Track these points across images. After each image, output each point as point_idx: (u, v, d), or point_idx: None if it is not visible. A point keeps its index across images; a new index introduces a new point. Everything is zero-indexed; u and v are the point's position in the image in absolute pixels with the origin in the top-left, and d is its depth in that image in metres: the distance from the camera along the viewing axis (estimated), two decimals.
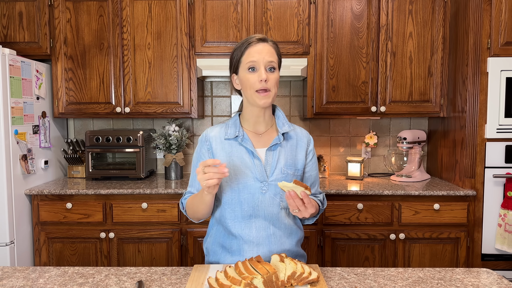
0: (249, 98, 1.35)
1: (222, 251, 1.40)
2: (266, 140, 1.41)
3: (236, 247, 1.36)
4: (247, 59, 1.32)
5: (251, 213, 1.35)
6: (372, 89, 2.68)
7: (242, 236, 1.35)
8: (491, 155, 2.38)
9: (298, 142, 1.43)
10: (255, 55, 1.31)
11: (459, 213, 2.41)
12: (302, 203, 1.22)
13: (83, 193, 2.43)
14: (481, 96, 2.37)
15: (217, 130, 1.42)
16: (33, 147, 2.55)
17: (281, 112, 1.46)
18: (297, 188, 1.20)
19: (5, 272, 1.29)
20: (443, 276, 1.25)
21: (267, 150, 1.37)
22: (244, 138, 1.37)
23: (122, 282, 1.21)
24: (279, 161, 1.37)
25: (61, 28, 2.68)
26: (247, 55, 1.32)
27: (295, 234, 1.43)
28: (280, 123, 1.42)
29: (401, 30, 2.65)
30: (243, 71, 1.34)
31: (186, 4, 2.65)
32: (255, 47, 1.32)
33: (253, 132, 1.41)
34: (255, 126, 1.41)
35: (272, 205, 1.35)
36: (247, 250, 1.35)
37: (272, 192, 1.35)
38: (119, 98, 2.72)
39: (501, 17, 2.32)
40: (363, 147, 3.05)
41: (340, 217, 2.43)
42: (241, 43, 1.36)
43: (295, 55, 2.67)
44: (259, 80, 1.30)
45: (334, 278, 1.24)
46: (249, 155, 1.36)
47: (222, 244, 1.40)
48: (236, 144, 1.38)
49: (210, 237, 1.46)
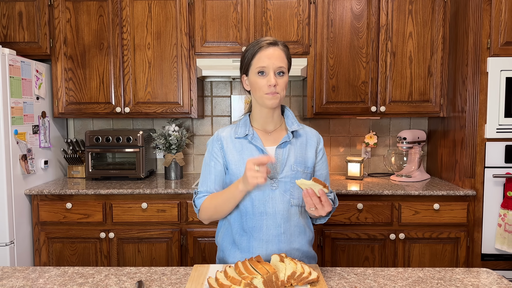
0: (258, 99, 1.38)
1: (232, 247, 1.42)
2: (276, 138, 1.43)
3: (246, 244, 1.38)
4: (257, 64, 1.35)
5: (262, 210, 1.36)
6: (372, 89, 2.68)
7: (252, 233, 1.37)
8: (491, 155, 2.38)
9: (308, 141, 1.45)
10: (265, 60, 1.33)
11: (459, 213, 2.41)
12: (319, 201, 1.22)
13: (83, 193, 2.43)
14: (481, 96, 2.37)
15: (228, 130, 1.45)
16: (33, 147, 2.55)
17: (291, 112, 1.49)
18: (316, 186, 1.19)
19: (5, 272, 1.29)
20: (443, 276, 1.25)
21: (277, 147, 1.40)
22: (254, 136, 1.40)
23: (122, 282, 1.21)
24: (289, 159, 1.39)
25: (61, 28, 2.68)
26: (258, 59, 1.35)
27: (306, 234, 1.43)
28: (289, 122, 1.45)
29: (401, 30, 2.65)
30: (253, 74, 1.37)
31: (186, 4, 2.65)
32: (265, 52, 1.34)
33: (262, 131, 1.44)
34: (264, 126, 1.44)
35: (283, 202, 1.37)
36: (256, 247, 1.36)
37: (282, 189, 1.37)
38: (119, 98, 2.72)
39: (501, 17, 2.32)
40: (363, 147, 3.05)
41: (340, 217, 2.43)
42: (252, 45, 1.38)
43: (295, 55, 2.67)
44: (268, 85, 1.33)
45: (334, 278, 1.24)
46: (259, 153, 1.39)
47: (233, 240, 1.42)
48: (246, 143, 1.41)
49: (221, 233, 1.48)
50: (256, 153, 1.39)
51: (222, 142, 1.43)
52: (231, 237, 1.43)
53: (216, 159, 1.43)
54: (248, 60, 1.38)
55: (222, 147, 1.42)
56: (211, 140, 1.47)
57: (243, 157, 1.38)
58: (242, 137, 1.41)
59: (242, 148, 1.40)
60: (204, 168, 1.46)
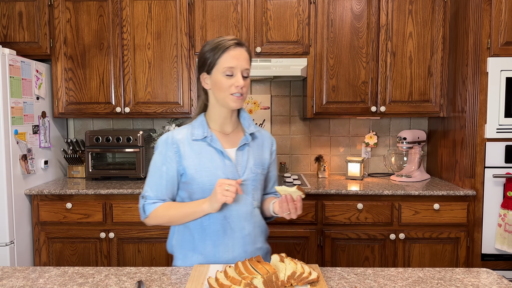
0: (221, 100, 1.35)
1: (194, 254, 1.38)
2: (234, 140, 1.42)
3: (211, 249, 1.36)
4: (225, 64, 1.31)
5: (226, 213, 1.35)
6: (372, 89, 2.69)
7: (217, 237, 1.35)
8: (491, 155, 2.38)
9: (263, 142, 1.48)
10: (234, 61, 1.31)
11: (459, 213, 2.41)
12: (294, 207, 1.28)
13: (83, 193, 2.43)
14: (481, 96, 2.37)
15: (184, 132, 1.39)
16: (33, 147, 2.55)
17: (247, 113, 1.48)
18: (296, 193, 1.25)
19: (5, 272, 1.29)
20: (443, 276, 1.25)
21: (237, 150, 1.39)
22: (213, 138, 1.37)
23: (122, 282, 1.21)
24: (249, 161, 1.40)
25: (61, 28, 2.68)
26: (225, 59, 1.31)
27: (265, 231, 1.47)
28: (246, 124, 1.44)
29: (401, 30, 2.65)
30: (219, 74, 1.33)
31: (186, 4, 2.65)
32: (233, 52, 1.32)
33: (220, 133, 1.41)
34: (222, 127, 1.42)
35: (246, 204, 1.37)
36: (223, 251, 1.36)
37: (245, 191, 1.37)
38: (119, 98, 2.72)
39: (501, 17, 2.32)
40: (363, 147, 3.05)
41: (340, 217, 2.43)
42: (216, 44, 1.34)
43: (295, 55, 2.67)
44: (235, 86, 1.32)
45: (334, 278, 1.24)
46: (219, 156, 1.37)
47: (193, 246, 1.38)
48: (205, 145, 1.37)
49: (178, 239, 1.43)
50: (215, 155, 1.36)
51: (178, 146, 1.36)
52: (191, 243, 1.39)
53: (169, 164, 1.36)
54: (213, 59, 1.33)
55: (178, 151, 1.36)
56: (163, 142, 1.38)
57: (202, 160, 1.35)
58: (200, 139, 1.37)
59: (201, 151, 1.36)
60: (154, 171, 1.38)
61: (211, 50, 1.34)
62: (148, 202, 1.38)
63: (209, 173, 1.34)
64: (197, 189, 1.35)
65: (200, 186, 1.34)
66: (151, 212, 1.37)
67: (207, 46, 1.36)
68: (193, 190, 1.35)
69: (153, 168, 1.39)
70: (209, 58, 1.34)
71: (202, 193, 1.34)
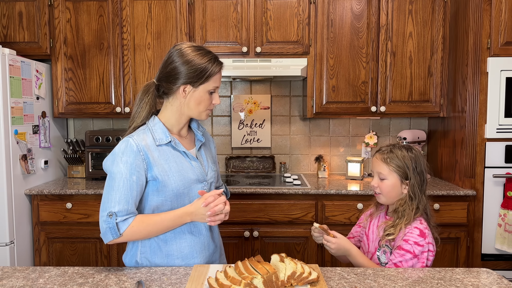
0: (195, 112, 1.41)
1: (168, 258, 1.39)
2: (190, 142, 1.49)
3: (189, 250, 1.40)
4: (214, 83, 1.39)
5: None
6: (372, 89, 2.68)
7: (194, 236, 1.41)
8: (491, 155, 2.38)
9: (209, 141, 1.59)
10: (218, 81, 1.41)
11: (459, 213, 2.41)
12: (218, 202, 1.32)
13: (83, 193, 2.43)
14: (481, 96, 2.37)
15: (146, 138, 1.36)
16: (33, 147, 2.55)
17: None
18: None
19: (5, 272, 1.29)
20: (443, 276, 1.25)
21: (198, 151, 1.47)
22: (176, 142, 1.40)
23: (122, 282, 1.21)
24: (208, 160, 1.50)
25: (61, 28, 2.68)
26: (215, 79, 1.39)
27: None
28: (194, 125, 1.51)
29: (401, 30, 2.65)
30: (204, 91, 1.38)
31: (186, 4, 2.65)
32: (219, 74, 1.41)
33: (178, 136, 1.45)
34: (180, 131, 1.46)
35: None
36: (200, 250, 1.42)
37: (211, 189, 1.46)
38: (119, 98, 2.72)
39: (501, 17, 2.32)
40: (363, 147, 3.05)
41: (340, 217, 2.43)
42: (210, 63, 1.36)
43: (295, 55, 2.67)
44: (213, 103, 1.42)
45: (334, 278, 1.24)
46: (185, 158, 1.41)
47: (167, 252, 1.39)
48: (170, 149, 1.39)
49: (143, 248, 1.40)
50: (182, 158, 1.40)
51: (146, 153, 1.32)
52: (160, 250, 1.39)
53: (138, 173, 1.31)
54: (207, 76, 1.36)
55: (147, 158, 1.33)
56: (128, 150, 1.31)
57: (171, 164, 1.36)
58: (165, 144, 1.37)
59: (168, 156, 1.37)
60: (121, 183, 1.29)
61: (206, 69, 1.35)
62: (120, 220, 1.28)
63: (181, 177, 1.37)
64: (171, 194, 1.36)
65: (174, 192, 1.36)
66: (126, 229, 1.28)
67: (197, 59, 1.35)
68: (167, 196, 1.36)
69: (118, 180, 1.29)
70: (204, 76, 1.36)
71: (176, 198, 1.37)
